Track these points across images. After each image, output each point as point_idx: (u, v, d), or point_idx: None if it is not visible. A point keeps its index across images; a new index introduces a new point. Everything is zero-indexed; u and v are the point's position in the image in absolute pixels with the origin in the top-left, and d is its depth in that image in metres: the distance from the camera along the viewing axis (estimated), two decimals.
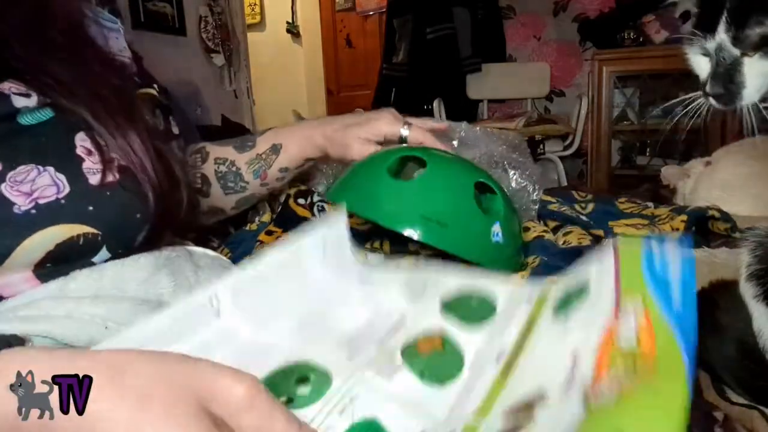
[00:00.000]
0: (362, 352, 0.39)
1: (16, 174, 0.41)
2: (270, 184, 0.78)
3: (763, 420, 0.40)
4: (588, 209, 0.92)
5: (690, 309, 0.33)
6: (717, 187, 1.07)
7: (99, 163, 0.45)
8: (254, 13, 4.48)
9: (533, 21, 3.24)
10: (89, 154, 0.45)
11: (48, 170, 0.43)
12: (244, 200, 0.79)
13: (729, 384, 0.45)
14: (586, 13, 3.09)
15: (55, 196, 0.42)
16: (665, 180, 1.25)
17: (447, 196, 0.61)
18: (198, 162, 0.75)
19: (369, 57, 4.18)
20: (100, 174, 0.45)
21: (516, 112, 3.12)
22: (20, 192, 0.41)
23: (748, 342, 0.44)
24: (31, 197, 0.41)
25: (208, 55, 2.87)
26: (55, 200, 0.42)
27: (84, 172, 0.44)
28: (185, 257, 0.51)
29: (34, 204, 0.41)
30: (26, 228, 0.41)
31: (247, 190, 0.77)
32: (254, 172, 0.76)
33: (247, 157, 0.76)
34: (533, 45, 3.25)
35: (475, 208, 0.60)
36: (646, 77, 2.60)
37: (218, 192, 0.76)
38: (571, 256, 0.70)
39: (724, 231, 0.85)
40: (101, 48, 0.54)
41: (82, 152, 0.45)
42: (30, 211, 0.41)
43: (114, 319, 0.41)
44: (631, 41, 2.68)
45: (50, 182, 0.43)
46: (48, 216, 0.42)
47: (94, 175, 0.45)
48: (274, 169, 0.77)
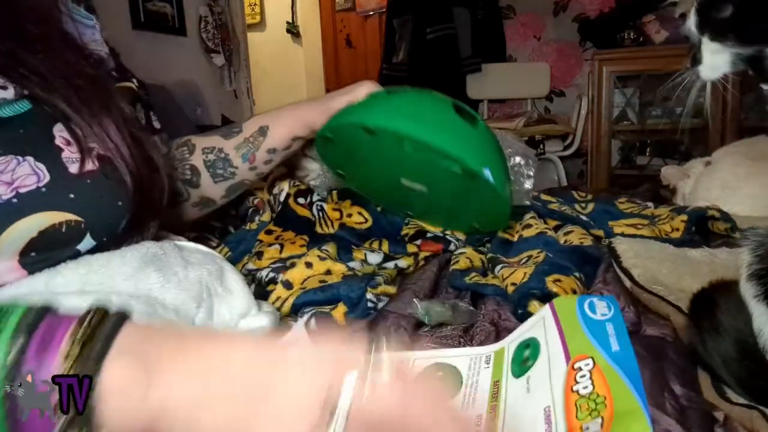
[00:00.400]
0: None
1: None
2: (258, 168, 0.79)
3: (763, 420, 0.40)
4: (588, 209, 0.92)
5: (625, 345, 0.40)
6: (717, 187, 1.07)
7: (77, 152, 0.46)
8: (254, 13, 4.48)
9: (533, 21, 3.24)
10: (68, 144, 0.46)
11: (27, 160, 0.43)
12: (233, 187, 0.79)
13: (729, 384, 0.45)
14: (586, 13, 3.09)
15: (35, 185, 0.43)
16: (665, 180, 1.25)
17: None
18: (186, 154, 0.76)
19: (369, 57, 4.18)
20: (78, 163, 0.46)
21: (516, 112, 3.12)
22: (1, 182, 0.42)
23: (748, 342, 0.44)
24: (12, 186, 0.42)
25: (208, 55, 2.87)
26: (36, 189, 0.43)
27: (63, 162, 0.45)
28: (174, 253, 0.51)
29: (15, 193, 0.42)
30: (8, 216, 0.42)
31: (236, 176, 0.78)
32: (243, 155, 0.77)
33: (235, 142, 0.77)
34: (533, 45, 3.25)
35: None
36: (646, 77, 2.60)
37: (208, 181, 0.76)
38: (574, 254, 0.71)
39: (724, 231, 0.85)
40: (75, 40, 0.55)
41: (60, 142, 0.46)
42: (11, 200, 0.42)
43: None
44: (631, 41, 2.68)
45: (30, 171, 0.43)
46: (29, 204, 0.42)
47: (73, 164, 0.46)
48: (261, 151, 0.78)
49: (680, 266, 0.66)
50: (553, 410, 0.38)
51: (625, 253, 0.69)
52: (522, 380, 0.43)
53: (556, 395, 0.39)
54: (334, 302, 0.65)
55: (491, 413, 0.42)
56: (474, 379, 0.46)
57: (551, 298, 0.59)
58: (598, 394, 0.37)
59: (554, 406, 0.39)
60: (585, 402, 0.37)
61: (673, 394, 0.44)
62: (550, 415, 0.38)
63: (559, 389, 0.39)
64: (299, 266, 0.69)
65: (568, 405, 0.38)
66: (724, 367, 0.45)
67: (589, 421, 0.36)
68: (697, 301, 0.51)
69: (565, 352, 0.42)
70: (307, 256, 0.71)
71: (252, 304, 0.55)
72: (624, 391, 0.37)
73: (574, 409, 0.37)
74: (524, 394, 0.42)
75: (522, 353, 0.46)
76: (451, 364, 0.49)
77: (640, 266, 0.65)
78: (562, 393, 0.39)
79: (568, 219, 0.86)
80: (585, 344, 0.42)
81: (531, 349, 0.45)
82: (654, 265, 0.66)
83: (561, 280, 0.62)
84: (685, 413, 0.42)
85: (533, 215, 0.85)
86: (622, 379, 0.38)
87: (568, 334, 0.44)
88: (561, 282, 0.62)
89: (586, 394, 0.38)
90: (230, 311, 0.52)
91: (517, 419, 0.40)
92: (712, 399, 0.44)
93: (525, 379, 0.43)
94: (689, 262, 0.68)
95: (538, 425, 0.38)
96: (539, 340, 0.45)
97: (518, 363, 0.45)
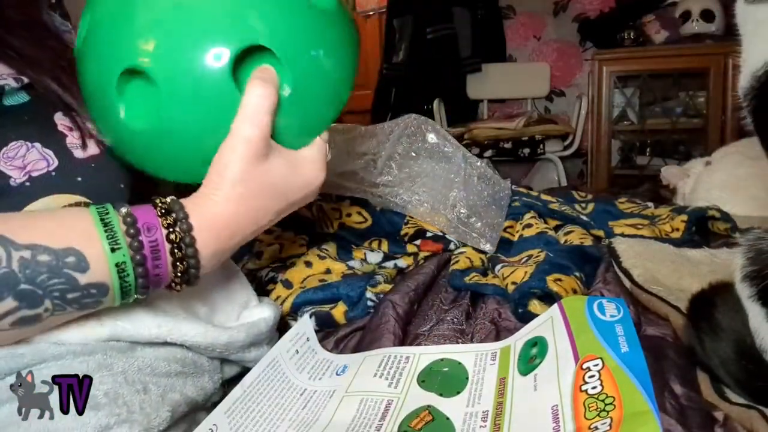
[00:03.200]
0: None
1: (8, 150, 0.44)
2: None
3: (763, 420, 0.40)
4: (588, 209, 0.92)
5: (634, 346, 0.40)
6: (717, 187, 1.07)
7: (79, 138, 0.48)
8: None
9: (533, 21, 3.23)
10: (70, 131, 0.48)
11: (35, 146, 0.46)
12: None
13: (728, 385, 0.45)
14: (586, 13, 3.09)
15: (46, 170, 0.45)
16: (665, 180, 1.25)
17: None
18: None
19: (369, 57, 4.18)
20: (81, 149, 0.48)
21: (516, 112, 3.12)
22: (14, 166, 0.44)
23: (746, 343, 0.44)
24: (25, 170, 0.44)
25: None
26: (47, 173, 0.45)
27: (68, 147, 0.47)
28: None
29: (27, 177, 0.44)
30: (23, 198, 0.44)
31: None
32: None
33: None
34: (533, 45, 3.25)
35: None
36: (646, 77, 2.60)
37: None
38: (574, 253, 0.71)
39: (724, 231, 0.85)
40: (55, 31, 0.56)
41: (63, 129, 0.48)
42: (25, 183, 0.44)
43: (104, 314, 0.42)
44: (631, 41, 2.67)
45: (39, 157, 0.45)
46: (42, 187, 0.45)
47: (77, 149, 0.48)
48: None
49: (680, 266, 0.66)
50: (561, 409, 0.38)
51: (625, 253, 0.69)
52: (529, 378, 0.43)
53: (564, 394, 0.39)
54: (334, 301, 0.65)
55: (497, 409, 0.42)
56: (480, 375, 0.46)
57: (552, 298, 0.60)
58: (606, 394, 0.37)
59: (562, 405, 0.38)
60: (594, 402, 0.37)
61: (673, 394, 0.44)
62: (558, 413, 0.38)
63: (567, 388, 0.39)
64: (299, 265, 0.70)
65: (576, 404, 0.38)
66: (722, 368, 0.45)
67: (597, 421, 0.36)
68: (695, 302, 0.51)
69: (574, 352, 0.42)
70: (306, 255, 0.71)
71: (252, 295, 0.55)
72: (633, 393, 0.37)
73: (582, 408, 0.37)
74: (531, 391, 0.42)
75: (529, 351, 0.46)
76: (456, 359, 0.49)
77: (640, 266, 0.65)
78: (571, 392, 0.39)
79: (568, 219, 0.86)
80: (594, 344, 0.42)
81: (538, 347, 0.45)
82: (654, 266, 0.66)
83: (562, 279, 0.62)
84: (685, 413, 0.42)
85: (533, 215, 0.85)
86: (631, 381, 0.38)
87: (577, 334, 0.44)
88: (562, 281, 0.62)
89: (595, 394, 0.37)
90: (231, 303, 0.53)
91: (524, 416, 0.40)
92: (711, 399, 0.44)
93: (532, 377, 0.43)
94: (689, 263, 0.68)
95: (545, 423, 0.38)
96: (547, 339, 0.45)
97: (525, 361, 0.45)
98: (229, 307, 0.52)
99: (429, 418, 0.42)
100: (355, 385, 0.47)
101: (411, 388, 0.45)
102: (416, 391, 0.45)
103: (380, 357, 0.50)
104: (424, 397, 0.44)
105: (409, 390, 0.45)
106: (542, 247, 0.72)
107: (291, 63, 0.43)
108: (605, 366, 0.39)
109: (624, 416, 0.35)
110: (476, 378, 0.46)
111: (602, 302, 0.46)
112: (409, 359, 0.49)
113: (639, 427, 0.34)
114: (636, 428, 0.34)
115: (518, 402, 0.42)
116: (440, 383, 0.46)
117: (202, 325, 0.46)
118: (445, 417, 0.42)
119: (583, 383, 0.39)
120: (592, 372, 0.39)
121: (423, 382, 0.46)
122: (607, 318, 0.44)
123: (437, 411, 0.43)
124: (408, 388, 0.45)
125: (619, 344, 0.41)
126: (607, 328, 0.43)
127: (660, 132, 2.61)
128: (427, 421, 0.42)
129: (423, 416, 0.42)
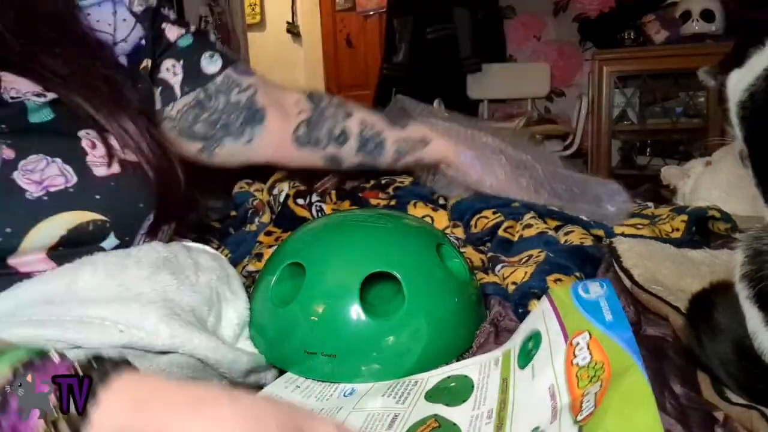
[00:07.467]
0: None
1: (27, 163, 0.44)
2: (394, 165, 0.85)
3: (763, 420, 0.40)
4: None
5: (618, 315, 0.42)
6: (717, 187, 1.07)
7: (104, 156, 0.48)
8: (254, 13, 4.48)
9: (533, 21, 3.24)
10: (93, 148, 0.48)
11: (56, 161, 0.46)
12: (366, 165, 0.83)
13: (728, 385, 0.45)
14: (586, 13, 3.09)
15: (64, 185, 0.45)
16: (665, 180, 1.25)
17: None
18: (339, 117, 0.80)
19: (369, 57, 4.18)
20: (103, 166, 0.48)
21: (516, 112, 3.12)
22: (31, 180, 0.44)
23: (746, 343, 0.44)
24: (42, 185, 0.44)
25: None
26: (64, 189, 0.45)
27: (88, 164, 0.47)
28: (183, 255, 0.52)
29: (45, 191, 0.44)
30: (38, 213, 0.44)
31: (377, 159, 0.82)
32: (396, 150, 0.82)
33: (396, 135, 0.82)
34: (533, 45, 3.25)
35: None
36: (646, 77, 2.60)
37: (352, 148, 0.80)
38: (575, 253, 0.70)
39: (724, 231, 0.85)
40: (89, 41, 0.56)
41: (86, 145, 0.48)
42: (42, 198, 0.44)
43: (124, 321, 0.42)
44: (631, 41, 2.67)
45: (58, 172, 0.45)
46: (58, 203, 0.45)
47: (98, 167, 0.48)
48: (411, 157, 0.83)
49: (681, 266, 0.66)
50: (556, 386, 0.39)
51: (625, 253, 0.69)
52: (527, 369, 0.44)
53: (558, 373, 0.40)
54: None
55: (501, 405, 0.42)
56: (484, 381, 0.47)
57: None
58: (596, 361, 0.38)
59: (557, 384, 0.39)
60: (585, 371, 0.38)
61: (673, 394, 0.44)
62: (554, 392, 0.39)
63: (560, 366, 0.40)
64: None
65: (570, 378, 0.39)
66: (722, 369, 0.45)
67: (590, 387, 0.37)
68: (695, 303, 0.51)
69: (564, 333, 0.43)
70: None
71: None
72: (617, 352, 0.38)
73: (575, 380, 0.38)
74: (530, 380, 0.43)
75: (527, 346, 0.47)
76: (462, 374, 0.49)
77: (641, 266, 0.65)
78: (564, 369, 0.40)
79: (568, 219, 0.86)
80: (581, 321, 0.43)
81: (534, 340, 0.46)
82: (654, 266, 0.66)
83: (562, 279, 0.62)
84: (685, 413, 0.42)
85: (533, 215, 0.85)
86: (616, 342, 0.39)
87: (565, 316, 0.45)
88: (562, 281, 0.62)
89: (586, 365, 0.39)
90: (238, 316, 0.53)
91: (525, 405, 0.41)
92: (711, 399, 0.44)
93: (530, 368, 0.44)
94: (690, 263, 0.68)
95: (544, 404, 0.39)
96: (540, 330, 0.46)
97: (524, 355, 0.46)
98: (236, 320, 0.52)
99: (435, 425, 0.42)
100: (362, 403, 0.47)
101: (418, 404, 0.46)
102: (423, 404, 0.45)
103: (390, 381, 0.50)
104: (431, 408, 0.45)
105: (416, 405, 0.45)
106: (542, 247, 0.72)
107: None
108: (592, 337, 0.40)
109: (612, 374, 0.36)
110: (481, 384, 0.47)
111: (586, 283, 0.47)
112: (418, 382, 0.49)
113: (625, 379, 0.35)
114: (622, 380, 0.35)
115: (519, 394, 0.42)
116: (447, 396, 0.46)
117: (213, 340, 0.46)
118: (452, 423, 0.42)
119: (574, 357, 0.40)
120: (581, 345, 0.40)
121: (430, 397, 0.47)
122: (592, 296, 0.45)
123: (444, 419, 0.43)
124: (415, 404, 0.45)
125: (603, 315, 0.42)
126: (592, 304, 0.44)
127: (660, 132, 2.61)
128: (434, 427, 0.42)
129: (430, 423, 0.42)
